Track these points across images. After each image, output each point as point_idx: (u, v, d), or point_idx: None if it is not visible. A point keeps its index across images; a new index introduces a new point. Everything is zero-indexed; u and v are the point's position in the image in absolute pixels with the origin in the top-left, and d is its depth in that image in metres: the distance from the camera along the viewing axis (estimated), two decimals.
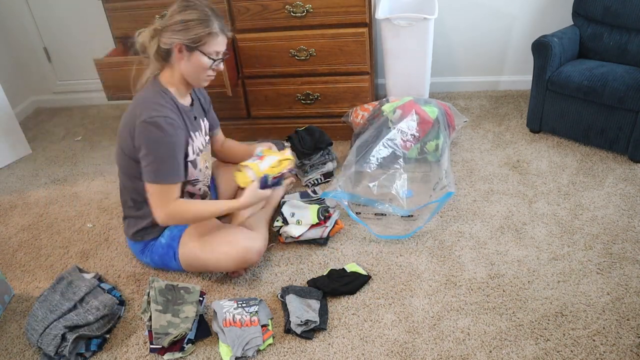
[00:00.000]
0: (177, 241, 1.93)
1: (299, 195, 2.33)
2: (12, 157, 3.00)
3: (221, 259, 1.87)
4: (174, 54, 1.75)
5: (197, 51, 1.74)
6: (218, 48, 1.78)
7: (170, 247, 1.94)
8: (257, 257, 1.92)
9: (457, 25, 3.01)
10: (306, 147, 2.46)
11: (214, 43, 1.75)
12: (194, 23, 1.70)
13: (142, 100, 1.77)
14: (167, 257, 1.96)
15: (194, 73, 1.79)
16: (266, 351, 1.70)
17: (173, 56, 1.76)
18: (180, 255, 1.93)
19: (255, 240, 1.93)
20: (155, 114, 1.70)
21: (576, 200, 2.22)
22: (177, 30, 1.71)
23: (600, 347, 1.60)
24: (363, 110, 2.58)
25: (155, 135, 1.70)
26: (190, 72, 1.78)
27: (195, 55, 1.75)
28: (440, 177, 2.21)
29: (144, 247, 1.99)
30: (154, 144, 1.71)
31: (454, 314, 1.76)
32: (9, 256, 2.26)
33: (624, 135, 2.39)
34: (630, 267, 1.87)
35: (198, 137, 1.92)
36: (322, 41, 2.51)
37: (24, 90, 3.57)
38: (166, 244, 1.95)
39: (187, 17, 1.70)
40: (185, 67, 1.77)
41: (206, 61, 1.76)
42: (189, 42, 1.71)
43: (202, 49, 1.74)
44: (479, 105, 3.04)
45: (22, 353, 1.79)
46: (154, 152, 1.72)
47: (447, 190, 2.09)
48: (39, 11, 3.28)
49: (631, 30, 2.50)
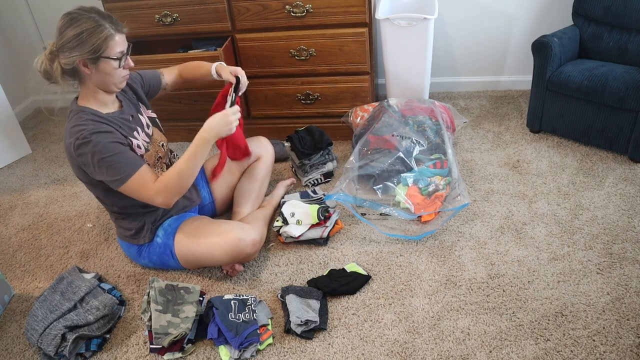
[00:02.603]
0: (172, 239, 1.93)
1: (299, 195, 2.33)
2: (12, 157, 3.00)
3: (214, 250, 1.87)
4: (80, 69, 1.71)
5: (102, 58, 1.69)
6: (120, 47, 1.72)
7: (167, 246, 1.94)
8: (252, 249, 1.90)
9: (457, 25, 3.01)
10: (306, 147, 2.46)
11: (113, 45, 1.70)
12: (86, 34, 1.64)
13: (66, 131, 1.75)
14: (165, 256, 1.96)
15: (107, 79, 1.74)
16: (266, 351, 1.70)
17: (80, 72, 1.72)
18: (177, 252, 1.93)
19: (248, 231, 1.91)
20: (81, 135, 1.68)
21: (576, 200, 2.22)
22: (73, 46, 1.65)
23: (600, 347, 1.60)
24: (363, 111, 2.58)
25: (90, 147, 1.67)
26: (103, 80, 1.74)
27: (101, 63, 1.70)
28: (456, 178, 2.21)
29: (139, 250, 1.99)
30: (96, 155, 1.68)
31: (454, 314, 1.76)
32: (9, 256, 2.26)
33: (624, 135, 2.39)
34: (630, 267, 1.87)
35: (139, 136, 1.88)
36: (322, 41, 2.51)
37: (24, 90, 3.57)
38: (162, 243, 1.95)
39: (78, 30, 1.64)
40: (97, 78, 1.73)
41: (113, 64, 1.72)
42: (90, 54, 1.66)
43: (105, 54, 1.69)
44: (479, 105, 3.04)
45: (22, 353, 1.79)
46: (100, 162, 1.69)
47: (460, 199, 2.11)
48: (39, 11, 3.28)
49: (631, 30, 2.50)
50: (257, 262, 2.06)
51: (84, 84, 1.76)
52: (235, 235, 1.87)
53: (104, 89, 1.77)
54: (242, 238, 1.87)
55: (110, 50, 1.69)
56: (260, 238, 1.97)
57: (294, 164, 2.53)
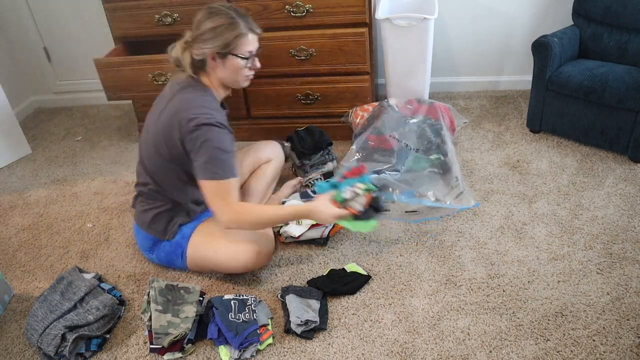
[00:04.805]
0: (187, 240, 1.93)
1: (299, 195, 2.32)
2: (12, 157, 3.00)
3: (231, 260, 1.87)
4: (208, 62, 1.77)
5: (230, 55, 1.76)
6: (250, 47, 1.79)
7: (179, 246, 1.94)
8: (267, 260, 1.93)
9: (457, 25, 3.01)
10: (306, 147, 2.46)
11: (244, 43, 1.77)
12: (221, 29, 1.72)
13: (187, 101, 1.76)
14: (174, 255, 1.96)
15: (231, 76, 1.81)
16: (266, 351, 1.70)
17: (208, 65, 1.78)
18: (189, 254, 1.93)
19: (265, 243, 1.93)
20: (205, 114, 1.71)
21: (576, 200, 2.22)
22: (207, 39, 1.72)
23: (600, 347, 1.60)
24: (363, 111, 2.58)
25: (213, 132, 1.70)
26: (227, 75, 1.81)
27: (229, 60, 1.77)
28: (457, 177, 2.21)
29: (153, 244, 1.98)
30: (212, 141, 1.70)
31: (454, 314, 1.76)
32: (9, 256, 2.26)
33: (624, 135, 2.39)
34: (630, 267, 1.87)
35: None
36: (322, 41, 2.51)
37: (24, 90, 3.57)
38: (175, 242, 1.94)
39: (214, 24, 1.72)
40: (222, 72, 1.80)
41: (241, 62, 1.78)
42: (221, 49, 1.73)
43: (235, 51, 1.76)
44: (479, 105, 3.04)
45: (22, 353, 1.79)
46: (212, 149, 1.70)
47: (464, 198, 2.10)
48: (39, 11, 3.28)
49: (631, 30, 2.51)
50: None
51: (209, 77, 1.82)
52: (254, 248, 1.87)
53: (226, 84, 1.84)
54: (260, 251, 1.88)
55: (240, 48, 1.76)
56: (273, 246, 1.99)
57: (294, 164, 2.53)
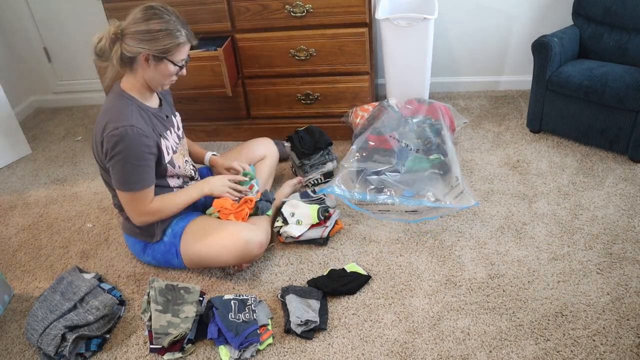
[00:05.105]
0: (179, 238, 1.93)
1: (299, 195, 2.32)
2: (12, 157, 3.00)
3: (222, 251, 1.87)
4: (140, 62, 1.74)
5: (165, 60, 1.75)
6: (184, 56, 1.80)
7: (173, 245, 1.94)
8: (259, 250, 1.91)
9: (457, 25, 3.01)
10: (306, 147, 2.46)
11: (181, 52, 1.77)
12: (162, 34, 1.70)
13: (106, 111, 1.77)
14: (169, 254, 1.96)
15: (159, 79, 1.80)
16: (266, 351, 1.70)
17: (138, 63, 1.75)
18: (182, 251, 1.93)
19: (255, 232, 1.92)
20: (121, 124, 1.70)
21: (576, 200, 2.22)
22: (145, 40, 1.69)
23: (600, 347, 1.60)
24: (363, 111, 2.58)
25: (122, 145, 1.70)
26: (155, 78, 1.79)
27: (163, 64, 1.76)
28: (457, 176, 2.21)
29: (144, 247, 1.99)
30: (121, 154, 1.71)
31: (454, 314, 1.76)
32: (9, 256, 2.26)
33: (624, 135, 2.39)
34: (630, 267, 1.87)
35: (171, 136, 1.93)
36: (322, 41, 2.51)
37: (24, 90, 3.57)
38: (168, 241, 1.95)
39: (154, 27, 1.69)
40: (150, 74, 1.78)
41: (173, 69, 1.78)
42: (157, 53, 1.72)
43: (171, 58, 1.75)
44: (479, 105, 3.04)
45: (22, 353, 1.79)
46: (122, 162, 1.72)
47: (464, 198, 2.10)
48: (39, 11, 3.28)
49: (631, 30, 2.50)
50: (257, 262, 2.06)
51: (135, 74, 1.79)
52: (242, 237, 1.87)
53: (151, 85, 1.82)
54: (249, 240, 1.87)
55: (176, 56, 1.76)
56: (266, 239, 1.98)
57: (294, 164, 2.53)
